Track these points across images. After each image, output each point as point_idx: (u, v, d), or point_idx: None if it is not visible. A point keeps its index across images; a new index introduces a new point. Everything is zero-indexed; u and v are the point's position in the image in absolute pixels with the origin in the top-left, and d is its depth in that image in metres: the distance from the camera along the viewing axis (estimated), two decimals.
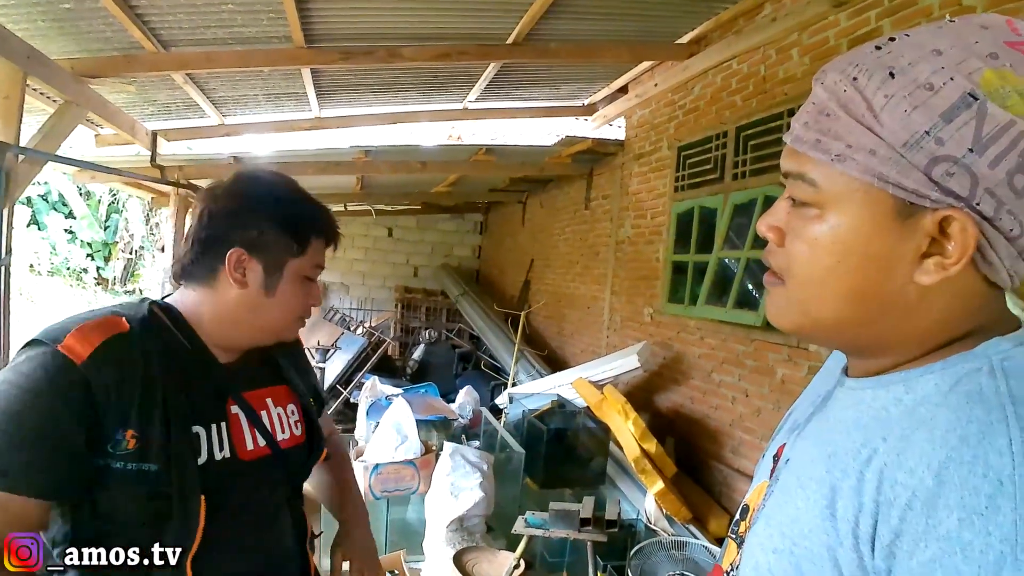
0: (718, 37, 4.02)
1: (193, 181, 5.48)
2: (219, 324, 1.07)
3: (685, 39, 4.22)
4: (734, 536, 0.73)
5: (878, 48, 0.55)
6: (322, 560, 1.48)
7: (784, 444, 0.69)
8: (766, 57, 3.58)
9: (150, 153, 4.75)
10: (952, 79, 0.50)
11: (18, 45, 2.91)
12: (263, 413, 1.12)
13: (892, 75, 0.53)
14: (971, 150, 0.50)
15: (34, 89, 3.54)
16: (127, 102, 4.41)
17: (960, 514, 0.46)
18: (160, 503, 0.94)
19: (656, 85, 4.66)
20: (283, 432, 1.14)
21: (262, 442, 1.10)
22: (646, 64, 4.78)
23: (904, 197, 0.53)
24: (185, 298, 1.07)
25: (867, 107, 0.53)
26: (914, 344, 0.58)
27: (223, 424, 1.05)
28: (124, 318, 0.98)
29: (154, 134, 4.85)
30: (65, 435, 0.88)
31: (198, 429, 1.01)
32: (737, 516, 0.75)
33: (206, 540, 0.97)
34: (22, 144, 3.01)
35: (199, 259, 1.05)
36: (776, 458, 0.70)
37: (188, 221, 5.81)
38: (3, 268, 2.81)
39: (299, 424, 1.19)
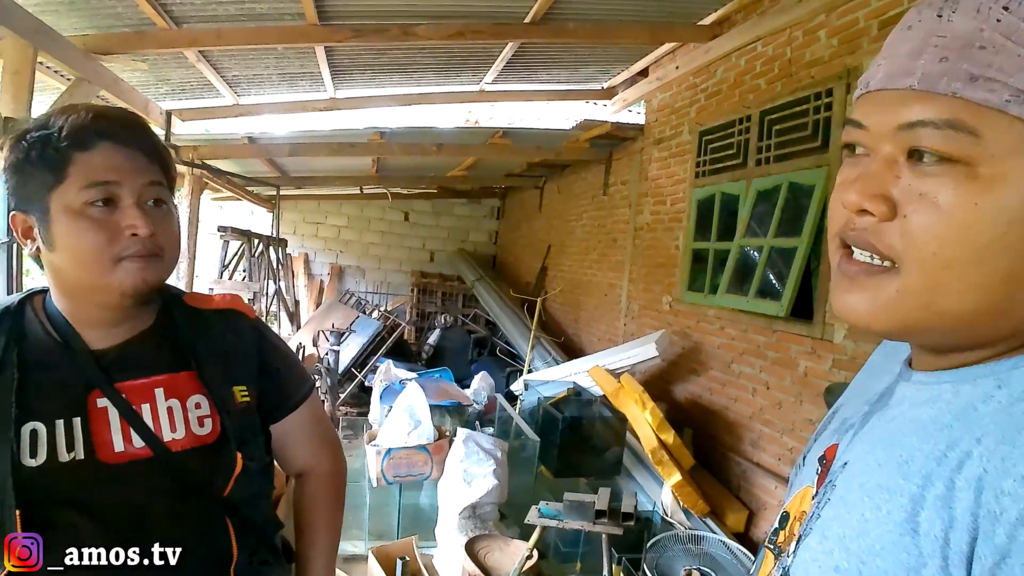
0: (742, 18, 3.90)
1: (208, 161, 5.46)
2: (65, 301, 0.92)
3: (708, 20, 4.09)
4: (772, 547, 0.64)
5: None
6: None
7: (834, 445, 0.60)
8: (792, 39, 3.46)
9: (164, 133, 4.71)
10: None
11: (27, 19, 2.86)
12: (144, 406, 0.92)
13: None
14: None
15: (47, 67, 3.51)
16: (141, 81, 4.37)
17: None
18: None
19: (677, 68, 4.54)
20: (174, 430, 0.92)
21: (139, 442, 0.90)
22: (667, 47, 4.65)
23: None
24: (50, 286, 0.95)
25: None
26: (1020, 334, 0.49)
27: (76, 420, 0.87)
28: None
29: (168, 114, 4.82)
30: None
31: (35, 425, 0.85)
32: (776, 525, 0.65)
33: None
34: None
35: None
36: (823, 461, 0.61)
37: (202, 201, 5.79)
38: (14, 246, 2.78)
39: (207, 421, 0.95)
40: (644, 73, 5.19)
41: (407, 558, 2.65)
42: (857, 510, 0.51)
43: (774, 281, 3.43)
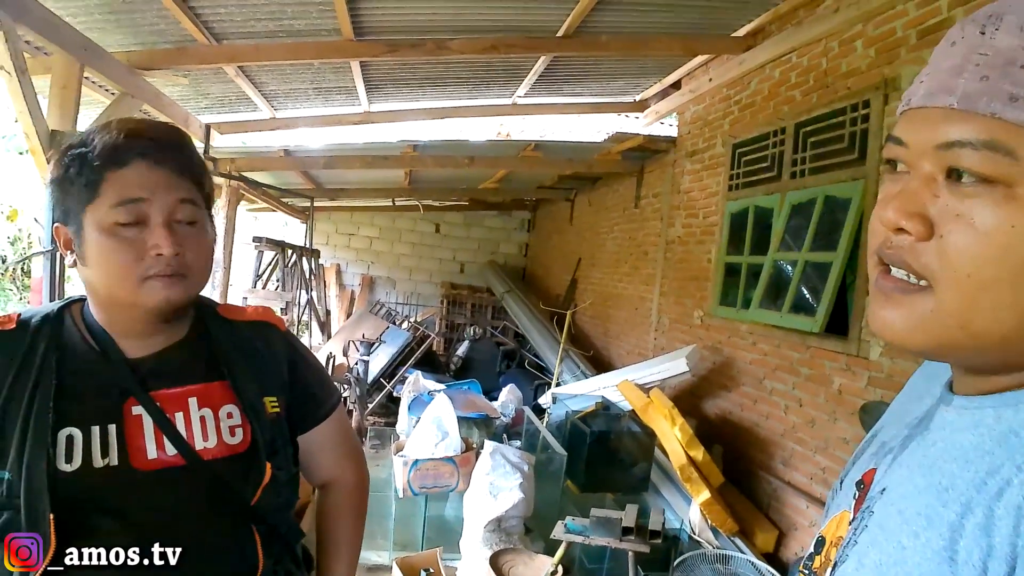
0: (776, 29, 3.86)
1: (245, 173, 5.58)
2: (100, 311, 0.95)
3: (741, 32, 4.07)
4: (807, 571, 0.63)
5: None
6: None
7: (872, 470, 0.59)
8: (828, 50, 3.41)
9: (203, 145, 4.84)
10: None
11: (75, 37, 2.97)
12: (177, 415, 0.93)
13: None
14: None
15: (91, 81, 3.63)
16: (181, 95, 4.50)
17: None
18: (10, 516, 0.84)
19: (710, 80, 4.51)
20: (206, 439, 0.94)
21: (172, 450, 0.91)
22: (700, 58, 4.63)
23: None
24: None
25: None
26: None
27: (111, 427, 0.89)
28: (18, 315, 0.93)
29: (207, 127, 4.94)
30: None
31: (72, 431, 0.87)
32: (811, 550, 0.64)
33: (73, 563, 0.85)
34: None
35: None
36: (861, 486, 0.60)
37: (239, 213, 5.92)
38: (58, 254, 2.87)
39: (238, 430, 0.97)
40: (677, 85, 5.17)
41: (431, 569, 2.65)
42: (895, 537, 0.50)
43: (808, 296, 3.36)
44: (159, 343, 0.97)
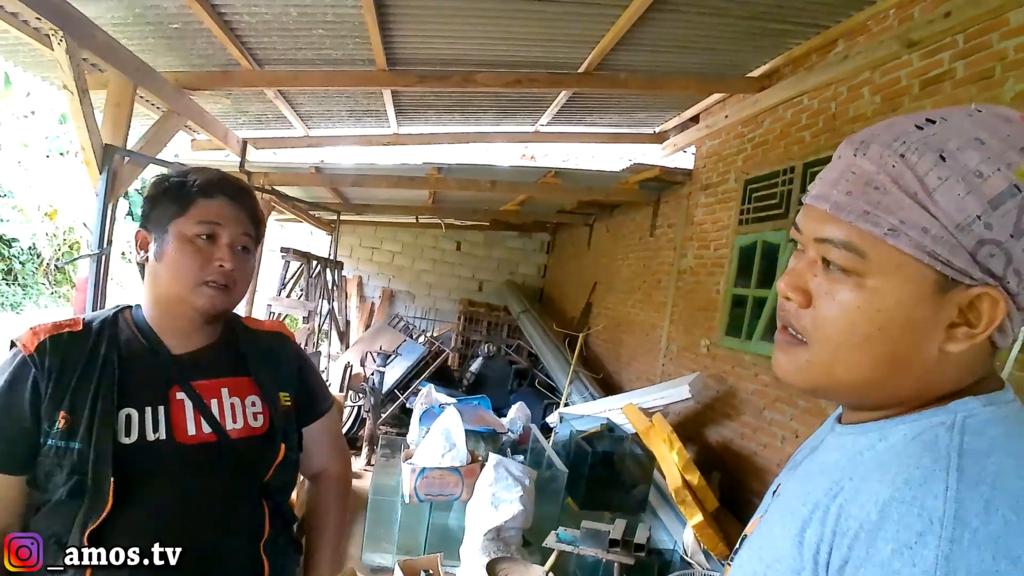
0: (789, 72, 4.01)
1: (276, 187, 5.83)
2: (154, 310, 1.17)
3: (756, 73, 4.22)
4: (731, 563, 0.80)
5: (919, 128, 0.58)
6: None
7: (781, 482, 0.76)
8: (837, 94, 3.55)
9: (239, 159, 5.09)
10: (999, 169, 0.55)
11: (130, 59, 3.23)
12: (212, 401, 1.14)
13: (943, 158, 0.56)
14: (1012, 235, 0.55)
15: (141, 98, 3.90)
16: (222, 112, 4.76)
17: (893, 545, 0.52)
18: (79, 478, 1.02)
19: (727, 117, 4.66)
20: (235, 422, 1.15)
21: (207, 429, 1.12)
22: (717, 95, 4.79)
23: (949, 274, 0.57)
24: (141, 296, 1.20)
25: (920, 185, 0.56)
26: (916, 400, 0.63)
27: (161, 408, 1.10)
28: (83, 319, 1.14)
29: (244, 142, 5.20)
30: (15, 416, 1.04)
31: (130, 411, 1.07)
32: (737, 545, 0.81)
33: (121, 518, 1.02)
34: (128, 147, 3.32)
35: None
36: (774, 494, 0.77)
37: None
38: (103, 258, 3.10)
39: (259, 416, 1.18)
40: (695, 119, 5.33)
41: (431, 571, 2.79)
42: (772, 528, 0.67)
43: None
44: (197, 342, 1.19)
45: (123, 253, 12.54)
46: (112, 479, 1.01)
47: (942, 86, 2.85)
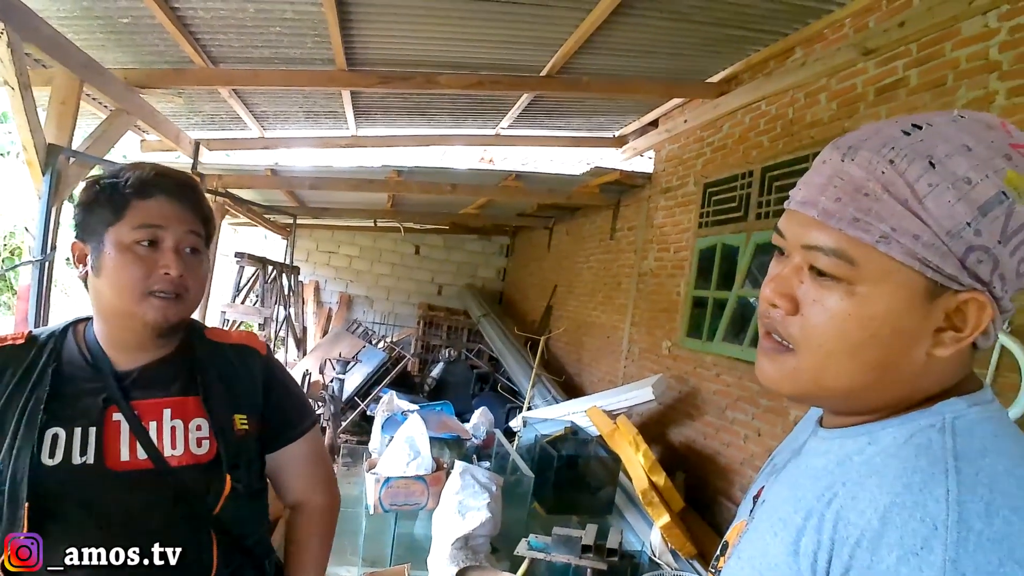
0: (748, 78, 4.09)
1: (231, 190, 5.67)
2: (102, 325, 1.08)
3: (716, 78, 4.28)
4: (714, 571, 0.78)
5: (907, 133, 0.58)
6: None
7: (763, 487, 0.75)
8: (794, 100, 3.63)
9: (192, 161, 4.93)
10: (987, 176, 0.55)
11: (77, 54, 3.08)
12: (152, 424, 1.03)
13: (932, 164, 0.56)
14: (1000, 242, 0.56)
15: (88, 95, 3.73)
16: (174, 112, 4.60)
17: (899, 552, 0.51)
18: (1, 500, 0.95)
19: (686, 121, 4.73)
20: (174, 448, 1.03)
21: (143, 455, 1.01)
22: (677, 100, 4.85)
23: (939, 280, 0.57)
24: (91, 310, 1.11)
25: (911, 192, 0.56)
26: (902, 403, 0.62)
27: (92, 429, 1.00)
28: (29, 332, 1.07)
29: (197, 143, 5.04)
30: None
31: (57, 430, 0.98)
32: (718, 552, 0.80)
33: (44, 545, 0.95)
34: (73, 147, 3.17)
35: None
36: (756, 499, 0.75)
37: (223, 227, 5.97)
38: (46, 264, 2.94)
39: (204, 442, 1.06)
40: (655, 124, 5.39)
41: None
42: (762, 536, 0.66)
43: None
44: (146, 357, 1.08)
45: (68, 259, 12.02)
46: (27, 506, 0.93)
47: (897, 93, 2.93)
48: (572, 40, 3.50)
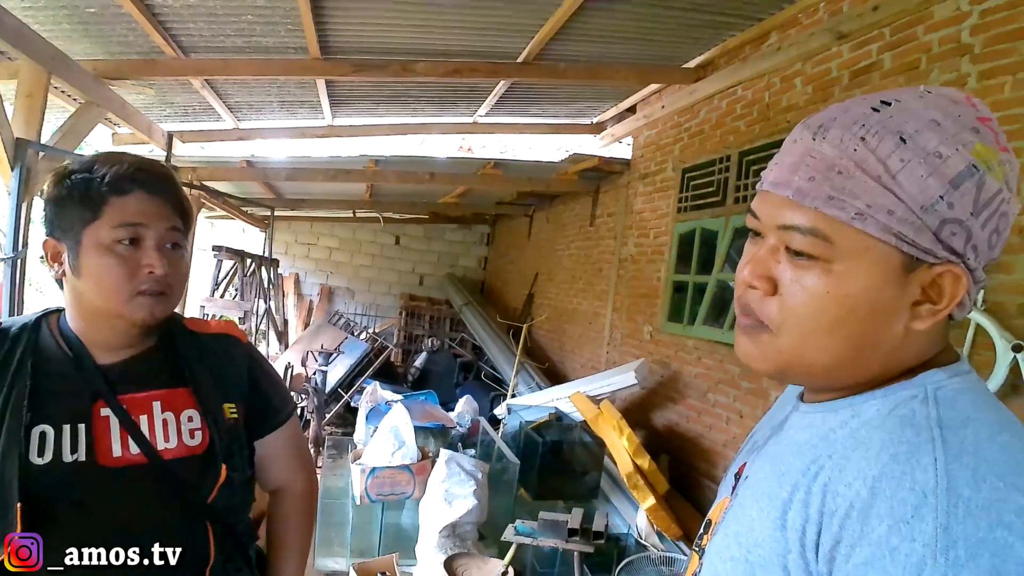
0: (724, 63, 4.10)
1: (206, 183, 5.59)
2: (81, 322, 1.03)
3: (692, 64, 4.30)
4: (697, 549, 0.79)
5: (876, 110, 0.59)
6: None
7: (745, 464, 0.75)
8: (770, 85, 3.66)
9: (165, 154, 4.85)
10: (957, 150, 0.56)
11: (42, 46, 3.00)
12: (142, 418, 1.02)
13: (903, 140, 0.57)
14: (972, 214, 0.57)
15: (56, 88, 3.64)
16: (145, 104, 4.51)
17: (889, 522, 0.52)
18: None
19: (663, 107, 4.74)
20: (167, 441, 1.02)
21: (135, 450, 0.99)
22: (654, 86, 4.86)
23: (915, 254, 0.58)
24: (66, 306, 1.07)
25: (884, 168, 0.57)
26: (881, 377, 0.64)
27: (81, 426, 0.98)
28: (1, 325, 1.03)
29: (170, 135, 4.95)
30: None
31: (44, 428, 0.96)
32: (701, 530, 0.80)
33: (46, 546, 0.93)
34: (42, 141, 3.10)
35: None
36: (737, 476, 0.76)
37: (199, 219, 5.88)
38: (19, 261, 2.89)
39: (197, 433, 1.05)
40: (632, 110, 5.40)
41: (387, 573, 2.74)
42: (747, 512, 0.67)
43: None
44: (129, 352, 1.06)
45: (41, 256, 11.80)
46: (19, 507, 0.91)
47: (871, 76, 2.97)
48: (548, 26, 3.49)
